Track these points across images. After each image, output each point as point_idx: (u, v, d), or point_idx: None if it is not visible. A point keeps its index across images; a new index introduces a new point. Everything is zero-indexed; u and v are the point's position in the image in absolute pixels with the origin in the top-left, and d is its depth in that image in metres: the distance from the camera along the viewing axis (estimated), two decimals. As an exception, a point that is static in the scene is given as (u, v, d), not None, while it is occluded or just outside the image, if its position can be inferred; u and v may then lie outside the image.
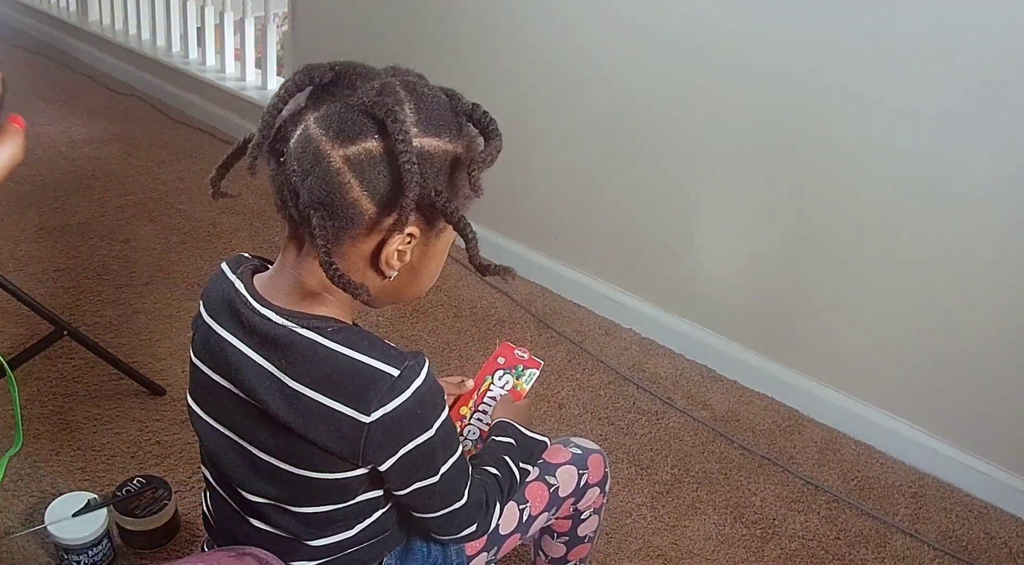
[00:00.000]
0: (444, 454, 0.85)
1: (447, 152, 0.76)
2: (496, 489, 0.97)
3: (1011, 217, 1.59)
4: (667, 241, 2.06)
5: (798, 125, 1.77)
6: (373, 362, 0.78)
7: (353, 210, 0.74)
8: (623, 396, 1.91)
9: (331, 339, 0.79)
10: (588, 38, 2.03)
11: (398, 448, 0.80)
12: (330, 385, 0.78)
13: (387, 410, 0.77)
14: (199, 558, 0.70)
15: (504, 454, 1.02)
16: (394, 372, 0.77)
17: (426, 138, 0.74)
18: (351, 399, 0.77)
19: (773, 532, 1.59)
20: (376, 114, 0.71)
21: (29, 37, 3.93)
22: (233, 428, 0.86)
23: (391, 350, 0.80)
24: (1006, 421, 1.70)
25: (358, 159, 0.72)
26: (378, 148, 0.72)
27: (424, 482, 0.85)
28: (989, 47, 1.52)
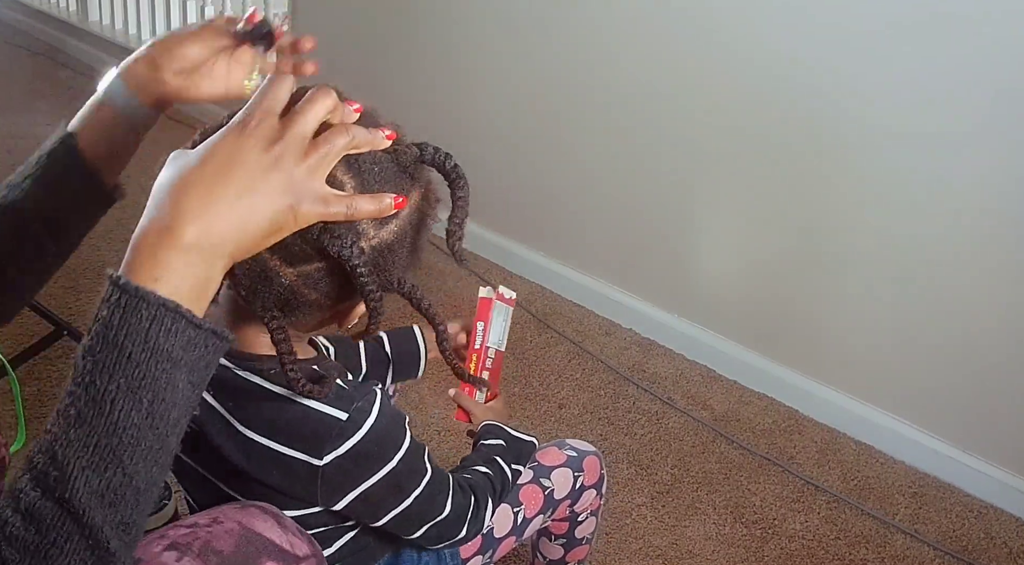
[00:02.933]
0: (412, 480, 0.83)
1: (405, 226, 0.71)
2: (488, 487, 0.96)
3: (1011, 217, 1.59)
4: (667, 241, 2.06)
5: (799, 125, 1.77)
6: (320, 407, 0.76)
7: (312, 307, 0.71)
8: (623, 396, 1.91)
9: (274, 382, 0.76)
10: (588, 38, 2.03)
11: (357, 485, 0.79)
12: (278, 431, 0.76)
13: (340, 453, 0.76)
14: (206, 513, 0.71)
15: (495, 455, 1.01)
16: (342, 416, 0.76)
17: (384, 228, 0.69)
18: (302, 444, 0.76)
19: (773, 532, 1.59)
20: (327, 251, 0.64)
21: (29, 37, 3.93)
22: (191, 456, 0.84)
23: (338, 391, 0.77)
24: (1006, 421, 1.70)
25: (310, 276, 0.68)
26: (331, 264, 0.67)
27: (396, 509, 0.83)
28: (992, 51, 1.52)
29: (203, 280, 0.56)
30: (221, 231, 0.56)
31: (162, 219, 0.55)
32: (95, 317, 0.55)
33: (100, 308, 0.55)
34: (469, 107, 2.26)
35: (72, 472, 0.53)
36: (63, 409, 0.54)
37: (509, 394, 1.86)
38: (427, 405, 1.78)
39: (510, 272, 2.33)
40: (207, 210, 0.56)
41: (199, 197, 0.56)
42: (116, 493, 0.54)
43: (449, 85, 2.30)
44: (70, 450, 0.53)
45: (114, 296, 0.54)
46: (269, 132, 0.59)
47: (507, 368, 1.94)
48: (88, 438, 0.53)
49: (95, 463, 0.53)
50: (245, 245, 0.58)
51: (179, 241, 0.55)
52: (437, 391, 1.81)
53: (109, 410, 0.54)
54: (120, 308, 0.54)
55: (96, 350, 0.54)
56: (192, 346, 0.55)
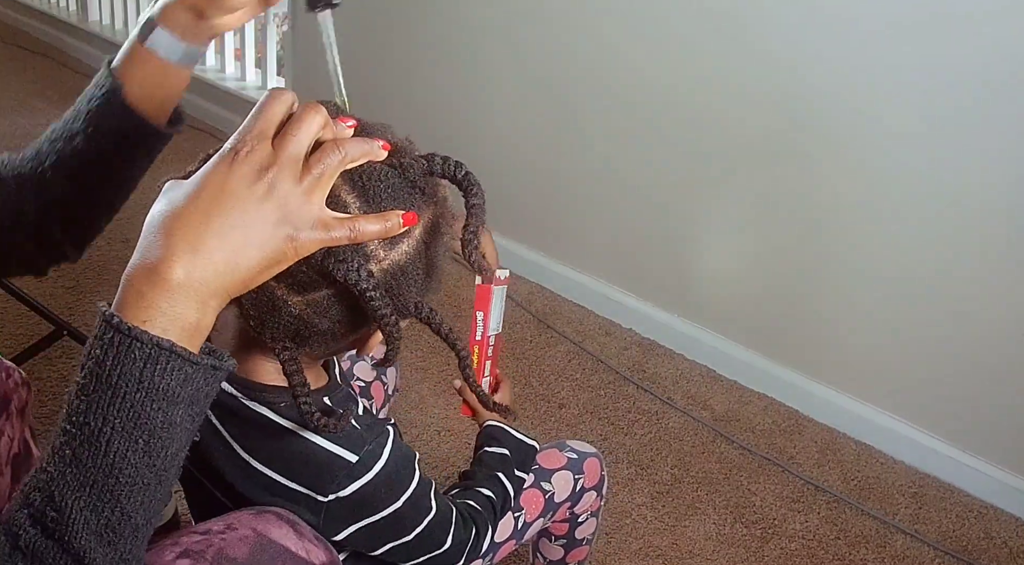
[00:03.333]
0: (416, 518, 0.82)
1: (418, 245, 0.68)
2: (490, 513, 0.94)
3: (1012, 217, 1.59)
4: (667, 241, 2.06)
5: (799, 125, 1.77)
6: (330, 447, 0.74)
7: (326, 337, 0.68)
8: (623, 396, 1.91)
9: (284, 416, 0.73)
10: (588, 39, 2.03)
11: (359, 521, 0.78)
12: (284, 466, 0.75)
13: (346, 493, 0.75)
14: (221, 519, 0.71)
15: (498, 470, 1.00)
16: (352, 458, 0.74)
17: (396, 250, 0.66)
18: (307, 480, 0.75)
19: (773, 532, 1.59)
20: (333, 277, 0.61)
21: (29, 37, 3.93)
22: (197, 464, 0.82)
23: (351, 432, 0.75)
24: (1006, 421, 1.70)
25: (319, 304, 0.65)
26: (340, 290, 0.64)
27: (397, 542, 0.82)
28: (993, 51, 1.53)
29: (194, 320, 0.54)
30: (211, 269, 0.54)
31: (150, 258, 0.54)
32: (87, 354, 0.53)
33: (92, 346, 0.53)
34: (469, 108, 2.26)
35: (71, 514, 0.52)
36: (58, 447, 0.53)
37: (509, 394, 1.85)
38: (427, 405, 1.78)
39: (510, 272, 2.33)
40: (196, 248, 0.53)
41: (188, 234, 0.54)
42: (115, 532, 0.54)
43: (450, 86, 2.30)
44: (68, 491, 0.52)
45: (107, 335, 0.52)
46: (261, 158, 0.56)
47: (507, 368, 1.94)
48: (85, 478, 0.52)
49: (92, 504, 0.53)
50: (239, 281, 0.56)
51: (167, 282, 0.53)
52: (437, 391, 1.81)
53: (105, 450, 0.53)
54: (113, 348, 0.52)
55: (89, 390, 0.53)
56: (190, 382, 0.54)
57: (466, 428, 1.73)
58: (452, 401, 1.80)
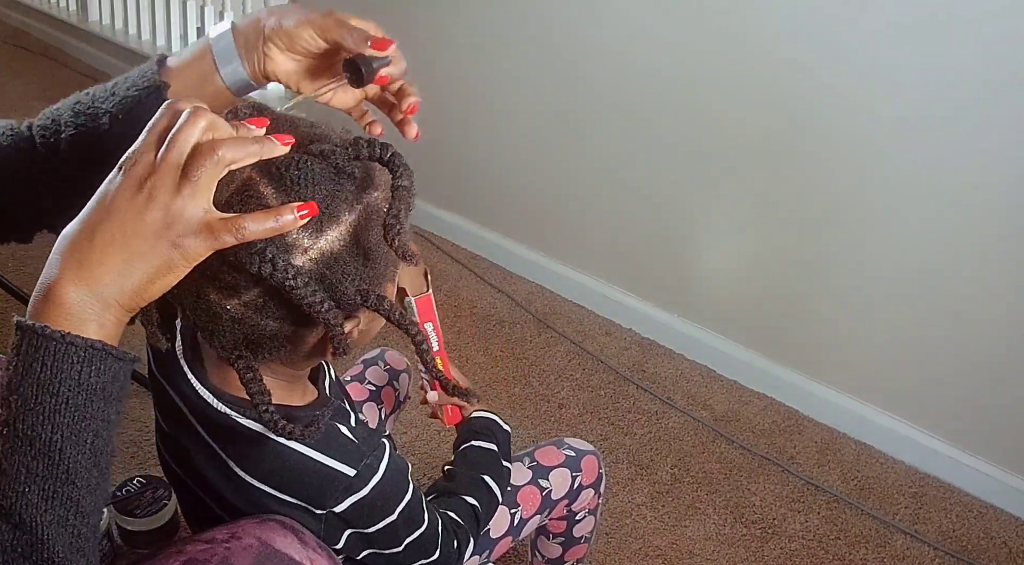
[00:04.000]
0: (408, 529, 0.82)
1: (352, 231, 0.64)
2: (472, 524, 0.94)
3: (1012, 217, 1.59)
4: (667, 241, 2.06)
5: (799, 125, 1.77)
6: (327, 461, 0.74)
7: (279, 339, 0.66)
8: (623, 396, 1.91)
9: (274, 431, 0.71)
10: (588, 38, 2.03)
11: (356, 529, 0.78)
12: (282, 482, 0.74)
13: (343, 507, 0.75)
14: (225, 527, 0.71)
15: (484, 470, 0.99)
16: (350, 472, 0.74)
17: (322, 239, 0.62)
18: (304, 494, 0.74)
19: (773, 532, 1.59)
20: (249, 270, 0.59)
21: (29, 37, 3.93)
22: (188, 474, 0.83)
23: (348, 445, 0.75)
24: (1006, 421, 1.70)
25: (255, 304, 0.63)
26: (269, 288, 0.61)
27: (386, 551, 0.82)
28: (994, 52, 1.52)
29: (95, 333, 0.55)
30: (99, 284, 0.54)
31: (46, 279, 0.55)
32: (14, 368, 0.54)
33: (21, 358, 0.54)
34: (469, 108, 2.26)
35: (44, 533, 0.53)
36: (8, 469, 0.53)
37: (509, 394, 1.86)
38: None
39: (510, 272, 2.33)
40: (82, 264, 0.54)
41: (75, 252, 0.55)
42: (82, 537, 0.55)
43: (450, 86, 2.30)
44: (34, 511, 0.53)
45: (38, 344, 0.53)
46: (141, 170, 0.55)
47: (507, 368, 1.94)
48: (45, 492, 0.53)
49: (59, 516, 0.53)
50: (130, 292, 0.55)
51: (61, 301, 0.54)
52: (437, 391, 1.81)
53: (59, 459, 0.53)
54: (50, 355, 0.53)
55: (32, 401, 0.53)
56: (117, 379, 0.56)
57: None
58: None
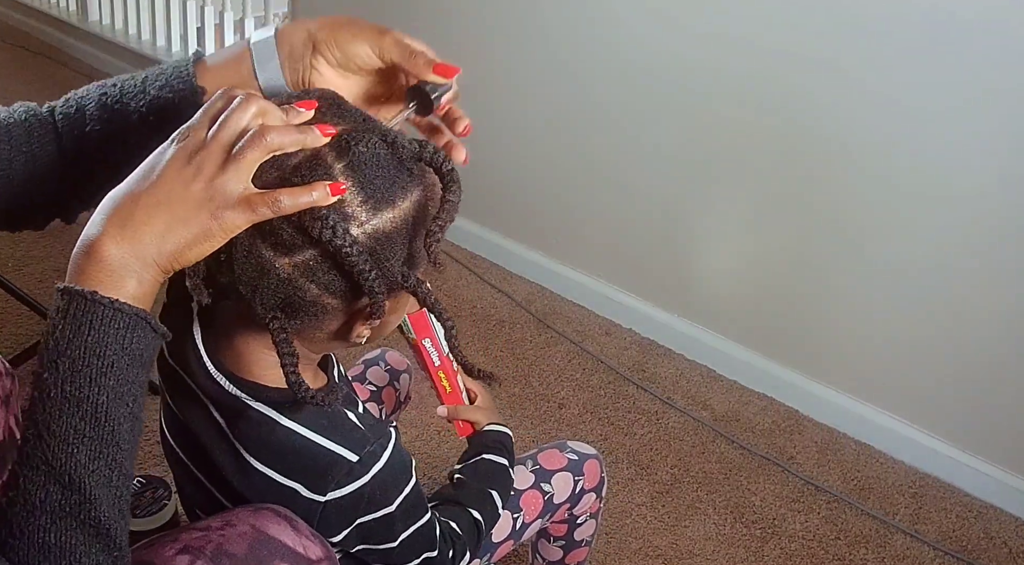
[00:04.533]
0: (404, 524, 0.82)
1: (405, 217, 0.67)
2: (473, 537, 0.94)
3: (1011, 217, 1.59)
4: (667, 241, 2.06)
5: (799, 126, 1.77)
6: (332, 446, 0.75)
7: (315, 308, 0.68)
8: (623, 396, 1.91)
9: (288, 417, 0.74)
10: (588, 38, 2.03)
11: (353, 521, 0.78)
12: (285, 465, 0.75)
13: (343, 493, 0.75)
14: (219, 516, 0.72)
15: (493, 486, 0.99)
16: (353, 458, 0.75)
17: (378, 217, 0.66)
18: (306, 480, 0.75)
19: (773, 532, 1.59)
20: (310, 233, 0.63)
21: (29, 37, 3.93)
22: (194, 461, 0.83)
23: (353, 432, 0.76)
24: (1006, 421, 1.70)
25: (307, 266, 0.65)
26: (324, 253, 0.65)
27: (380, 546, 0.82)
28: (994, 54, 1.52)
29: (133, 291, 0.58)
30: (140, 243, 0.58)
31: (88, 236, 0.58)
32: (60, 331, 0.56)
33: (68, 321, 0.56)
34: (469, 108, 2.26)
35: (93, 493, 0.55)
36: (55, 431, 0.55)
37: (509, 394, 1.86)
38: (427, 405, 1.78)
39: (510, 272, 2.33)
40: (124, 224, 0.58)
41: (120, 213, 0.58)
42: (122, 499, 0.57)
43: (449, 85, 2.30)
44: (84, 472, 0.55)
45: (86, 309, 0.56)
46: (193, 145, 0.61)
47: (507, 368, 1.94)
48: (94, 453, 0.55)
49: (107, 477, 0.56)
50: (168, 254, 0.59)
51: (101, 257, 0.57)
52: (437, 391, 1.81)
53: (105, 420, 0.56)
54: (98, 319, 0.56)
55: (80, 363, 0.56)
56: (150, 349, 0.59)
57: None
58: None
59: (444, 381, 1.07)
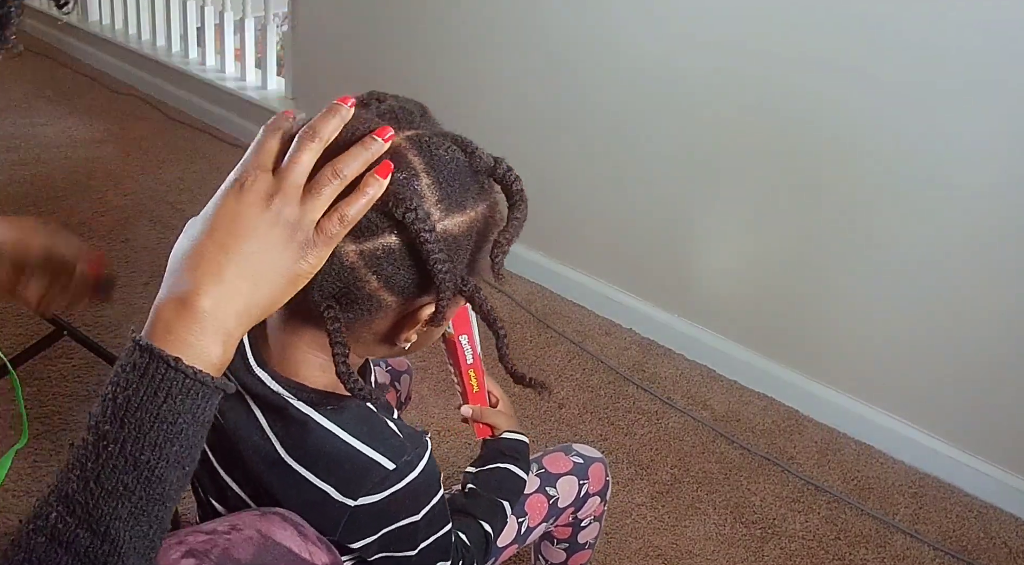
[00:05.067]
0: (426, 533, 0.82)
1: (472, 225, 0.68)
2: (481, 551, 0.94)
3: (1011, 217, 1.59)
4: (667, 241, 2.06)
5: (799, 126, 1.77)
6: (370, 452, 0.74)
7: (371, 303, 0.67)
8: (623, 396, 1.91)
9: (329, 419, 0.74)
10: (589, 39, 2.03)
11: (378, 530, 0.78)
12: (320, 466, 0.75)
13: (375, 499, 0.75)
14: (225, 519, 0.71)
15: (505, 497, 0.99)
16: (390, 465, 0.74)
17: (449, 218, 0.66)
18: (339, 483, 0.75)
19: (773, 532, 1.59)
20: (393, 213, 0.63)
21: (29, 37, 3.93)
22: (213, 449, 0.82)
23: (392, 439, 0.76)
24: (1006, 421, 1.70)
25: (374, 255, 0.65)
26: (396, 242, 0.65)
27: (399, 554, 0.82)
28: (995, 54, 1.53)
29: (218, 357, 0.57)
30: (237, 297, 0.57)
31: (177, 291, 0.56)
32: (132, 388, 0.55)
33: (141, 382, 0.55)
34: (469, 107, 2.26)
35: (123, 545, 0.54)
36: (106, 483, 0.54)
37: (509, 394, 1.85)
38: (427, 405, 1.78)
39: (510, 272, 2.32)
40: (220, 278, 0.56)
41: (210, 266, 0.57)
42: (154, 548, 0.57)
43: (449, 86, 2.30)
44: (123, 526, 0.54)
45: (168, 376, 0.54)
46: (265, 188, 0.59)
47: (507, 368, 1.93)
48: (138, 510, 0.54)
49: (144, 532, 0.55)
50: (263, 305, 0.59)
51: (195, 312, 0.56)
52: (437, 391, 1.81)
53: (158, 484, 0.55)
54: (179, 390, 0.55)
55: (146, 426, 0.54)
56: (213, 408, 0.58)
57: (466, 428, 1.73)
58: (451, 401, 1.80)
59: (473, 380, 1.06)
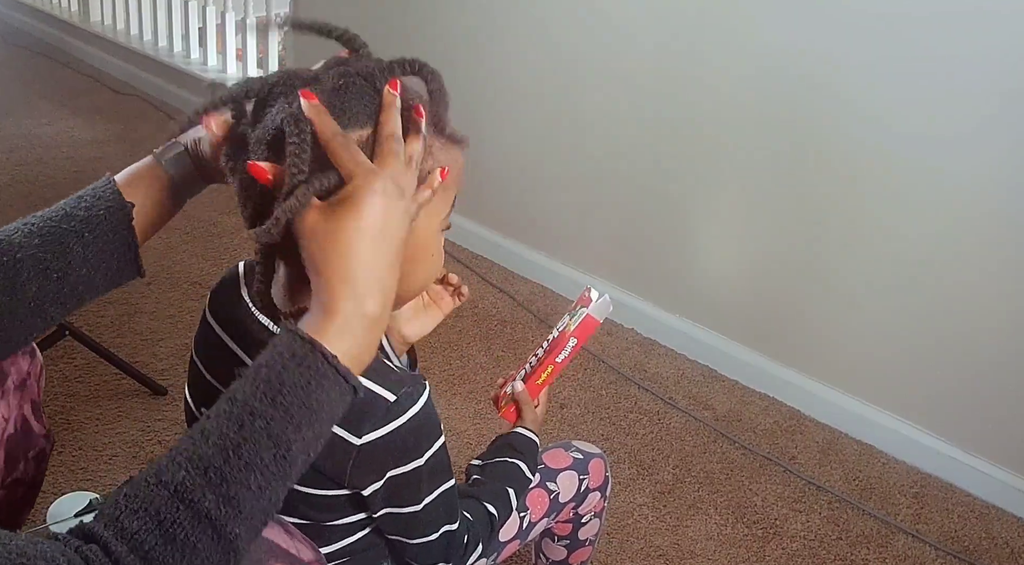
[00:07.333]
0: (430, 485, 0.83)
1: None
2: (486, 529, 0.95)
3: (1012, 217, 1.59)
4: (668, 241, 2.06)
5: (800, 125, 1.77)
6: (370, 385, 0.76)
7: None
8: (624, 396, 1.91)
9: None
10: (589, 39, 2.03)
11: (384, 472, 0.79)
12: None
13: (379, 435, 0.76)
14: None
15: (510, 485, 1.00)
16: (390, 397, 0.76)
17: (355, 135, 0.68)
18: (344, 420, 0.74)
19: (775, 532, 1.59)
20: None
21: (30, 37, 3.93)
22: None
23: (391, 374, 0.78)
24: (1008, 421, 1.70)
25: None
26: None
27: (404, 509, 0.83)
28: (995, 51, 1.52)
29: (373, 349, 0.62)
30: (391, 294, 0.62)
31: (349, 291, 0.60)
32: (286, 371, 0.58)
33: (299, 370, 0.58)
34: (469, 107, 2.26)
35: (243, 516, 0.57)
36: (245, 455, 0.56)
37: (510, 394, 1.85)
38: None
39: (512, 272, 2.33)
40: (385, 280, 0.62)
41: (375, 272, 0.61)
42: (260, 530, 0.60)
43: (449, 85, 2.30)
44: (250, 496, 0.57)
45: (324, 372, 0.59)
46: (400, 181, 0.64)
47: (509, 368, 1.93)
48: (265, 484, 0.57)
49: (264, 508, 0.58)
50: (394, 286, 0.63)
51: (366, 311, 0.61)
52: (439, 391, 1.81)
53: (289, 463, 0.58)
54: (331, 384, 0.59)
55: (293, 408, 0.58)
56: (347, 407, 0.62)
57: (467, 428, 1.73)
58: (452, 401, 1.81)
59: (545, 374, 1.12)
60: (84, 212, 0.76)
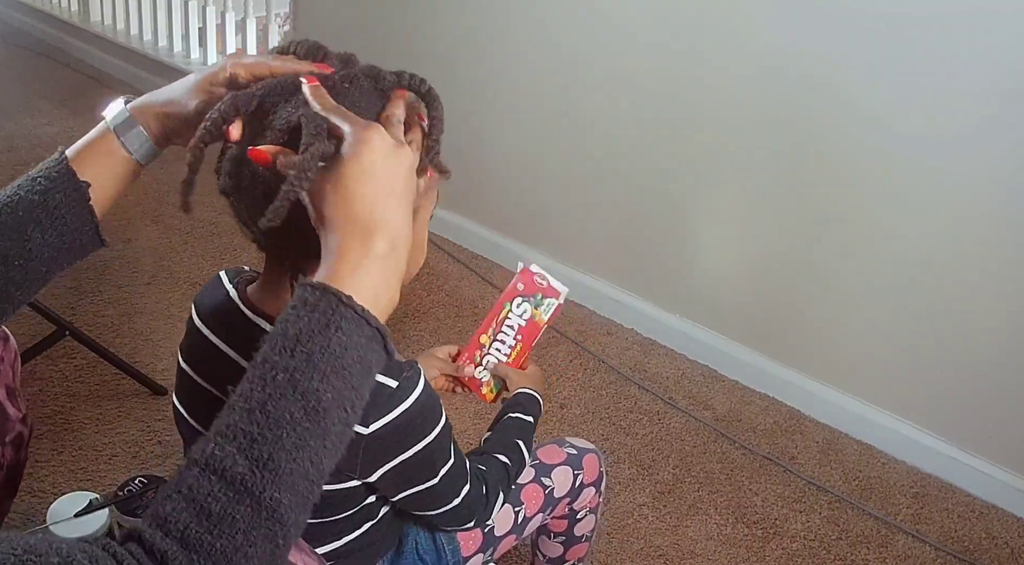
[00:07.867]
0: (443, 458, 0.85)
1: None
2: (504, 478, 0.97)
3: (1012, 217, 1.59)
4: (668, 241, 2.06)
5: (800, 125, 1.77)
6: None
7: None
8: (624, 396, 1.91)
9: None
10: (589, 39, 2.03)
11: (395, 457, 0.80)
12: None
13: (386, 421, 0.77)
14: None
15: (518, 437, 1.03)
16: (392, 383, 0.77)
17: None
18: None
19: (775, 532, 1.59)
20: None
21: (30, 37, 3.93)
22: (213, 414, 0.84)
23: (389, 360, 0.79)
24: (1008, 421, 1.70)
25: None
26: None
27: (422, 486, 0.85)
28: (995, 51, 1.52)
29: (395, 289, 0.61)
30: (401, 232, 0.61)
31: (355, 229, 0.60)
32: (301, 321, 0.56)
33: (313, 315, 0.56)
34: (469, 107, 2.26)
35: (282, 480, 0.53)
36: (272, 412, 0.54)
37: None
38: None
39: (511, 272, 2.32)
40: (390, 219, 0.61)
41: (382, 208, 0.60)
42: (308, 498, 0.56)
43: (449, 85, 2.30)
44: (286, 457, 0.54)
45: (338, 311, 0.56)
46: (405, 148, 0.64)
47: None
48: (303, 444, 0.54)
49: (303, 469, 0.54)
50: (408, 233, 0.63)
51: (376, 250, 0.59)
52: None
53: (321, 418, 0.55)
54: (349, 324, 0.57)
55: (316, 356, 0.55)
56: (379, 368, 0.61)
57: (467, 426, 1.73)
58: (452, 401, 1.80)
59: (524, 359, 1.15)
60: (39, 197, 0.76)
